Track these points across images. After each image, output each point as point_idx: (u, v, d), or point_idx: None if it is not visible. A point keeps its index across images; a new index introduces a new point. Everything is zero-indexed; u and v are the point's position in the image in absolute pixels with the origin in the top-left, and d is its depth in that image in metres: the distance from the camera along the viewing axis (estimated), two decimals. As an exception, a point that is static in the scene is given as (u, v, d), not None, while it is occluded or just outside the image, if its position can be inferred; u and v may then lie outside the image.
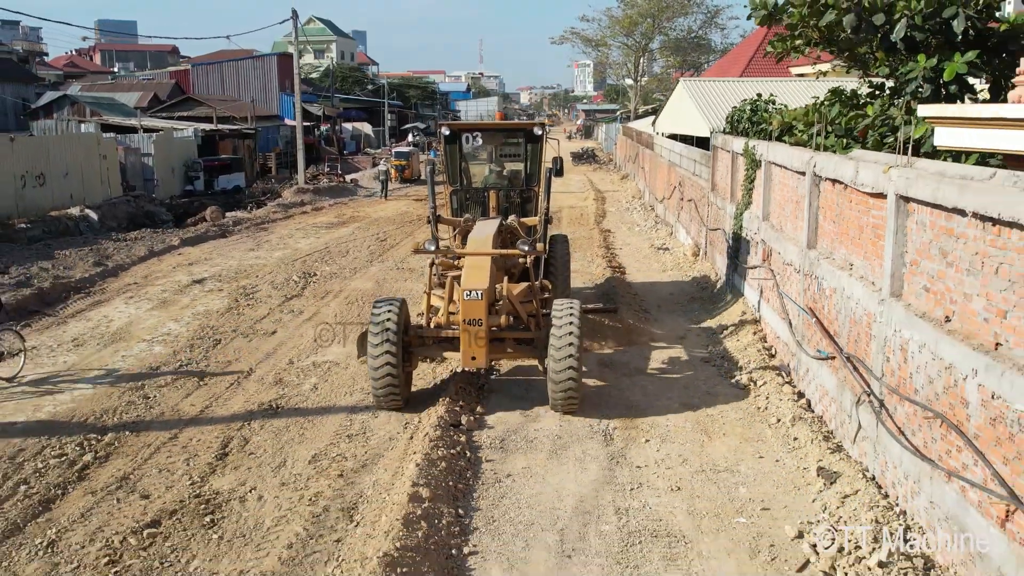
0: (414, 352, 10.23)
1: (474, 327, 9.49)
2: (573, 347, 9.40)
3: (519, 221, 12.15)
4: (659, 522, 7.46)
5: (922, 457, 6.94)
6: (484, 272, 9.88)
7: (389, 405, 9.89)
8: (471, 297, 9.47)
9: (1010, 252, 5.90)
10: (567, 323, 9.53)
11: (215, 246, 22.69)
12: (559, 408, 9.82)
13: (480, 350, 9.55)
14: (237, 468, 8.48)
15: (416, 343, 10.20)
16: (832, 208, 9.83)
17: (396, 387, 9.68)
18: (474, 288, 9.50)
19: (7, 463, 8.53)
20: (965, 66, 9.15)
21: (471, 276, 9.82)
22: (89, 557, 6.82)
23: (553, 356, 9.47)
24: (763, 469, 8.58)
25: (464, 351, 9.63)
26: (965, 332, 6.50)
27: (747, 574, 6.69)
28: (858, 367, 8.50)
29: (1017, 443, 5.66)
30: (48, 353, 12.41)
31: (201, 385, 11.00)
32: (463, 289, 9.56)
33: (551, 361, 9.52)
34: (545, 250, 11.54)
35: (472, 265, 10.11)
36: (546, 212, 12.38)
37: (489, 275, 9.87)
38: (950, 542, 6.52)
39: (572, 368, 9.46)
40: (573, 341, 9.42)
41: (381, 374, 9.55)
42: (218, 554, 6.87)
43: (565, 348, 9.40)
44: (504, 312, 10.03)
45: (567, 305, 9.83)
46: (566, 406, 9.78)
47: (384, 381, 9.60)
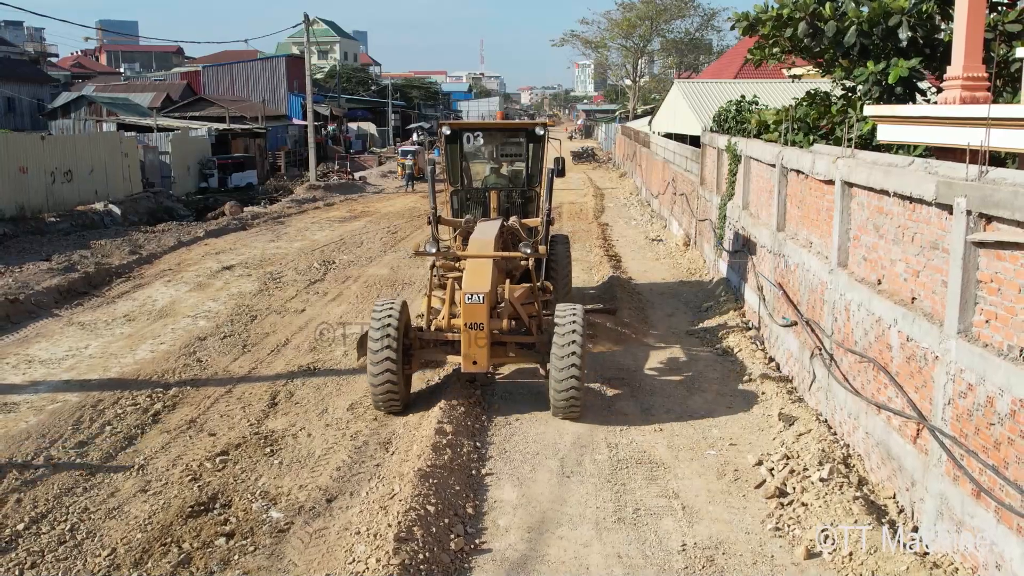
0: (415, 355, 10.10)
1: (475, 331, 9.35)
2: (576, 355, 9.34)
3: (520, 222, 12.08)
4: (643, 453, 8.96)
5: (859, 396, 8.44)
6: (486, 275, 9.76)
7: (389, 408, 9.80)
8: (473, 301, 9.31)
9: (921, 224, 7.39)
10: (570, 329, 9.44)
11: (237, 237, 24.20)
12: (560, 414, 9.71)
13: (481, 354, 9.41)
14: (287, 414, 10.00)
15: (417, 345, 10.09)
16: (797, 195, 11.33)
17: (396, 390, 9.61)
18: (476, 291, 9.36)
19: (91, 410, 10.03)
20: (907, 71, 10.64)
21: (473, 279, 9.68)
22: (174, 476, 8.32)
23: (555, 363, 9.39)
24: (733, 416, 10.07)
25: (465, 354, 9.48)
26: (891, 291, 8.00)
27: (713, 490, 8.18)
28: (814, 328, 10.01)
29: (924, 374, 7.14)
30: (105, 326, 13.93)
31: (245, 352, 12.51)
32: (464, 292, 9.40)
33: (553, 367, 9.44)
34: (547, 252, 11.46)
35: (474, 268, 9.99)
36: (548, 213, 12.13)
37: (491, 278, 9.77)
38: (879, 463, 8.02)
39: (575, 375, 9.37)
40: (576, 347, 9.36)
41: (381, 379, 9.49)
42: (280, 474, 8.38)
43: (568, 356, 9.32)
44: (506, 315, 9.99)
45: (570, 310, 9.75)
46: (567, 412, 9.65)
47: (384, 386, 9.53)
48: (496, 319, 9.82)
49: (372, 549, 6.65)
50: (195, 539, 7.09)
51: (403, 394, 9.81)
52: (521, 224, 12.02)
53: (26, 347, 12.70)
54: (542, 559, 6.88)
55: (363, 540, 6.88)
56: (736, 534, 7.31)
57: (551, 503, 7.83)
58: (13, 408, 10.13)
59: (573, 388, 9.43)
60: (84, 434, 9.33)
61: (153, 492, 7.98)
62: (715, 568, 6.79)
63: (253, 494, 7.93)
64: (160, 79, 61.90)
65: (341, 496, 7.89)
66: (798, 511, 7.58)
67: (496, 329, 9.78)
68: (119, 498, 7.88)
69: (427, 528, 6.97)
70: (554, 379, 9.48)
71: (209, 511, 7.59)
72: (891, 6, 10.71)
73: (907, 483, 7.36)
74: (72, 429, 9.44)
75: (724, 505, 7.84)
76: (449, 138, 12.94)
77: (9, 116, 51.25)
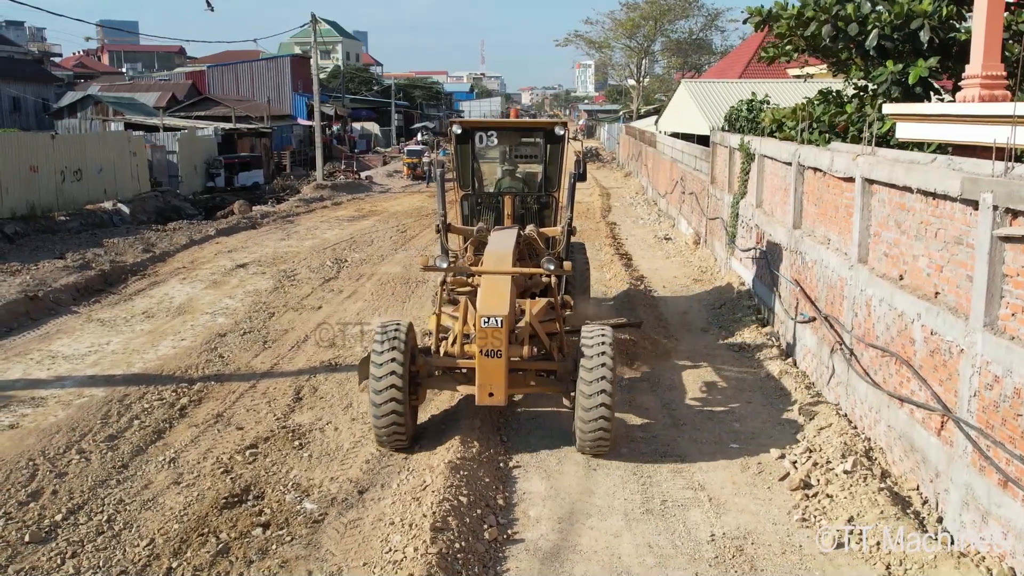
0: (422, 383, 8.99)
1: (492, 359, 8.19)
2: (606, 392, 8.25)
3: (538, 231, 11.13)
4: (667, 446, 9.09)
5: (881, 390, 8.56)
6: (504, 295, 8.62)
7: (393, 445, 8.70)
8: (490, 324, 8.13)
9: (944, 219, 7.51)
10: (598, 352, 8.38)
11: (248, 236, 24.33)
12: (587, 450, 8.64)
13: (499, 385, 8.21)
14: (312, 408, 10.11)
15: (425, 372, 8.98)
16: (813, 193, 11.44)
17: (402, 425, 8.49)
18: (493, 314, 8.18)
19: (118, 404, 10.14)
20: (927, 70, 10.77)
21: (489, 299, 8.53)
22: (205, 469, 8.44)
23: (583, 392, 8.29)
24: (754, 411, 10.18)
25: (480, 385, 8.27)
26: (913, 286, 8.12)
27: (738, 482, 8.30)
28: (833, 324, 10.13)
29: (948, 367, 7.26)
30: (124, 323, 14.05)
31: (266, 348, 12.63)
32: (480, 315, 8.22)
33: (580, 398, 8.33)
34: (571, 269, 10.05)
35: (490, 286, 8.87)
36: (569, 222, 11.14)
37: (509, 298, 8.64)
38: (902, 456, 8.14)
39: (605, 410, 8.27)
40: (606, 382, 8.25)
41: (385, 413, 8.40)
42: (310, 467, 8.50)
43: (597, 392, 8.24)
44: (526, 339, 8.79)
45: (598, 332, 8.63)
46: (596, 449, 8.59)
47: (389, 418, 8.43)
48: (516, 345, 8.63)
49: (409, 539, 6.77)
50: (232, 529, 7.20)
51: (409, 428, 8.69)
52: (539, 234, 11.15)
53: (48, 343, 12.82)
54: (574, 549, 7.00)
55: (398, 530, 7.01)
56: (763, 525, 7.43)
57: (579, 495, 7.95)
58: (41, 402, 10.24)
59: (603, 421, 8.33)
60: (113, 428, 9.44)
61: (186, 484, 8.10)
62: (744, 557, 6.90)
63: (285, 486, 8.04)
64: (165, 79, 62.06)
65: (372, 488, 8.01)
66: (823, 503, 7.70)
67: (515, 356, 8.61)
68: (153, 490, 8.00)
69: (461, 518, 7.09)
70: (581, 413, 8.37)
71: (243, 502, 7.71)
72: (913, 9, 10.84)
73: (931, 475, 7.47)
74: (101, 423, 9.55)
75: (750, 497, 7.96)
76: (459, 138, 11.84)
77: (14, 116, 51.37)
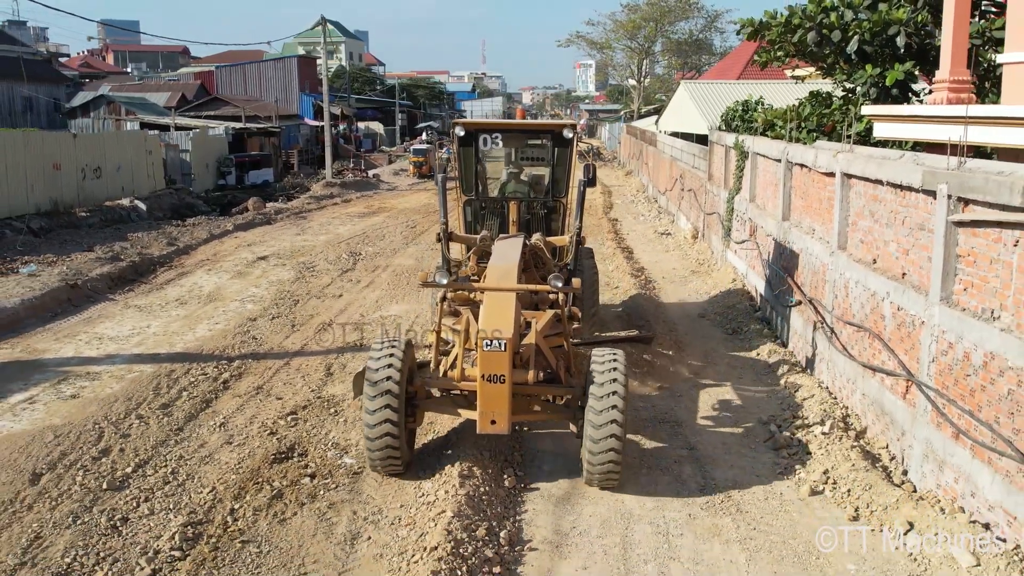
0: (419, 406, 8.43)
1: (495, 384, 7.59)
2: (616, 421, 7.66)
3: (545, 240, 10.58)
4: (666, 413, 10.11)
5: (856, 361, 9.57)
6: (508, 314, 8.04)
7: (387, 471, 8.16)
8: (492, 348, 7.54)
9: (910, 208, 8.52)
10: (609, 380, 7.78)
11: (264, 231, 25.36)
12: (595, 482, 8.02)
13: (502, 413, 7.63)
14: (343, 382, 11.12)
15: (423, 394, 8.45)
16: (800, 187, 12.45)
17: (396, 448, 7.94)
18: (496, 336, 7.58)
19: (166, 378, 11.16)
20: (903, 74, 11.78)
21: (492, 318, 7.94)
22: (253, 431, 9.46)
23: (592, 422, 7.70)
24: (745, 387, 11.19)
25: (482, 412, 7.67)
26: (884, 268, 9.13)
27: (727, 443, 9.32)
28: (817, 306, 11.14)
29: (912, 337, 8.27)
30: (160, 309, 15.07)
31: (294, 331, 13.65)
32: (482, 338, 7.60)
33: (590, 428, 7.73)
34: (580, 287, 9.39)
35: (493, 304, 8.28)
36: (578, 231, 10.63)
37: (514, 317, 8.06)
38: (874, 420, 9.15)
39: (615, 438, 7.66)
40: (617, 411, 7.67)
41: (379, 435, 7.86)
42: (346, 429, 9.51)
43: (607, 424, 7.66)
44: (532, 362, 8.19)
45: (609, 357, 8.04)
46: (605, 481, 7.97)
47: (383, 441, 7.87)
48: (520, 369, 8.02)
49: (439, 485, 7.80)
50: (283, 479, 8.21)
51: (404, 453, 8.11)
52: (546, 243, 10.61)
53: (93, 326, 13.84)
54: (582, 495, 8.01)
55: (429, 479, 8.03)
56: (748, 477, 8.44)
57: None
58: (96, 376, 11.26)
59: (613, 453, 7.73)
60: (164, 398, 10.45)
61: (237, 444, 9.12)
62: (732, 502, 7.91)
63: (326, 445, 9.06)
64: (174, 79, 63.14)
65: (404, 446, 9.02)
66: (803, 458, 8.71)
67: (520, 380, 7.94)
68: (208, 448, 9.01)
69: (484, 469, 8.13)
70: (590, 444, 7.77)
71: (289, 458, 8.71)
72: (891, 17, 11.84)
73: (898, 433, 8.48)
74: (153, 394, 10.56)
75: (737, 455, 8.97)
76: (463, 140, 11.20)
77: (27, 115, 52.33)
